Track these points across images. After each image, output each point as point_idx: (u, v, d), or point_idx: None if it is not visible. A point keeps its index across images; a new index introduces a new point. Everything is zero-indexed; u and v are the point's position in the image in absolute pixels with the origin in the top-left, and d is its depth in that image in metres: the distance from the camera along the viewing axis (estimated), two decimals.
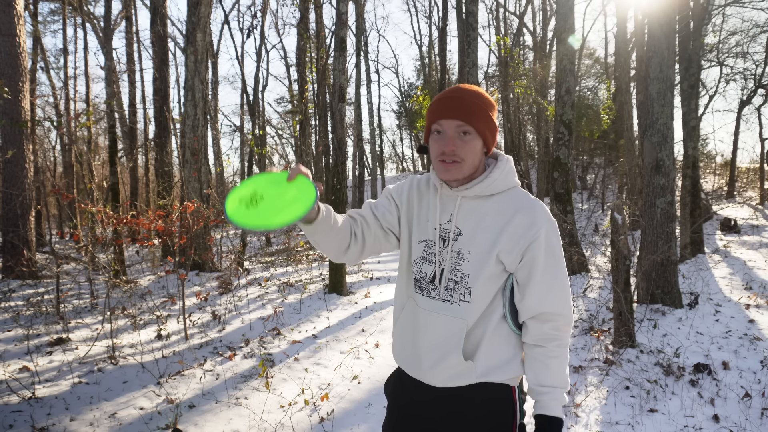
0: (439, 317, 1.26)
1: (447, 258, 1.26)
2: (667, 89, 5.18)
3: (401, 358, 1.37)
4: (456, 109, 1.19)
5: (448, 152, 1.20)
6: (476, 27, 8.64)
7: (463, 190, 1.26)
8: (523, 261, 1.23)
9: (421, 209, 1.33)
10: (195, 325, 5.21)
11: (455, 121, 1.20)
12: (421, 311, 1.30)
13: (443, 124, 1.21)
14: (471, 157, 1.22)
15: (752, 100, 16.02)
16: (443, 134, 1.22)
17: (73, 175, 15.55)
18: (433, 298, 1.28)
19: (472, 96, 1.22)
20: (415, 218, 1.34)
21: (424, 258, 1.30)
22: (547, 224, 1.23)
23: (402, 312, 1.36)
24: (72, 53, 26.19)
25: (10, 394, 3.38)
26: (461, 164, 1.21)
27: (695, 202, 7.88)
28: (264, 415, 3.14)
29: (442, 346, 1.26)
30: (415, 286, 1.32)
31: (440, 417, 1.31)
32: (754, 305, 5.16)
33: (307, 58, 14.78)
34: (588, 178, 21.16)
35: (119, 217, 5.07)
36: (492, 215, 1.25)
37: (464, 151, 1.21)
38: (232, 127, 26.93)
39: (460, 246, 1.25)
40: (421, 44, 26.43)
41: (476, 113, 1.20)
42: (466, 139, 1.21)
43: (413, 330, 1.32)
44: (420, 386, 1.32)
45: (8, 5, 7.62)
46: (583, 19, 25.40)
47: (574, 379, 3.59)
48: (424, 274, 1.30)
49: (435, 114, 1.22)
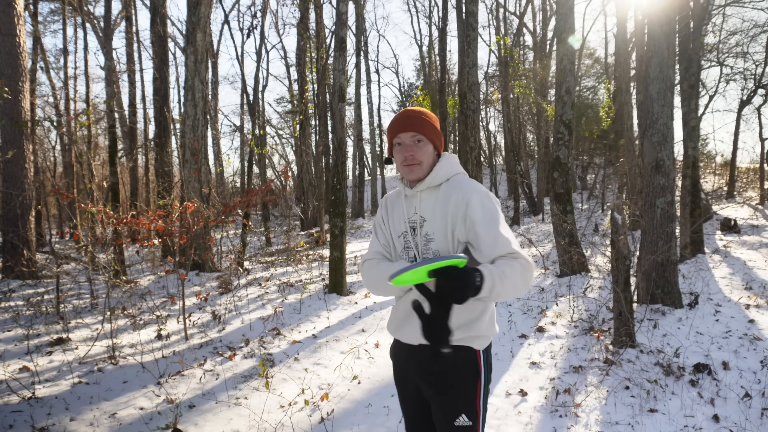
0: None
1: (419, 242, 1.58)
2: (667, 89, 5.17)
3: (389, 325, 1.71)
4: (409, 124, 1.56)
5: (408, 157, 1.56)
6: (476, 27, 8.63)
7: (420, 185, 1.59)
8: (467, 226, 1.50)
9: (394, 213, 1.69)
10: (195, 325, 5.21)
11: (410, 132, 1.56)
12: (405, 294, 1.62)
13: (401, 136, 1.57)
14: (426, 158, 1.58)
15: (752, 100, 16.01)
16: (403, 144, 1.57)
17: (73, 175, 15.55)
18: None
19: (419, 113, 1.59)
20: (390, 222, 1.69)
21: (405, 246, 1.63)
22: (477, 193, 1.52)
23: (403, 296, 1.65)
24: (72, 53, 26.22)
25: (10, 394, 3.38)
26: (420, 165, 1.56)
27: (695, 202, 7.88)
28: (264, 415, 3.14)
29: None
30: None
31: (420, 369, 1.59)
32: (754, 305, 5.16)
33: (307, 58, 14.78)
34: (588, 178, 21.15)
35: (119, 217, 5.07)
36: (441, 200, 1.56)
37: (420, 154, 1.56)
38: (232, 127, 26.93)
39: (426, 230, 1.57)
40: (421, 44, 26.43)
41: (425, 124, 1.57)
42: (421, 145, 1.57)
43: (401, 301, 1.66)
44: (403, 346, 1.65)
45: (8, 5, 7.62)
46: (583, 19, 25.37)
47: (574, 379, 3.59)
48: (411, 259, 1.63)
49: (394, 131, 1.58)
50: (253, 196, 5.71)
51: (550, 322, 4.96)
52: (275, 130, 24.98)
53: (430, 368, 1.56)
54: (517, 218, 15.16)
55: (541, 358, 4.07)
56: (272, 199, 8.23)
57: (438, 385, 1.55)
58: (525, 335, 4.62)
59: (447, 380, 1.53)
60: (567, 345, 4.32)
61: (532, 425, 2.99)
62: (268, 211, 14.28)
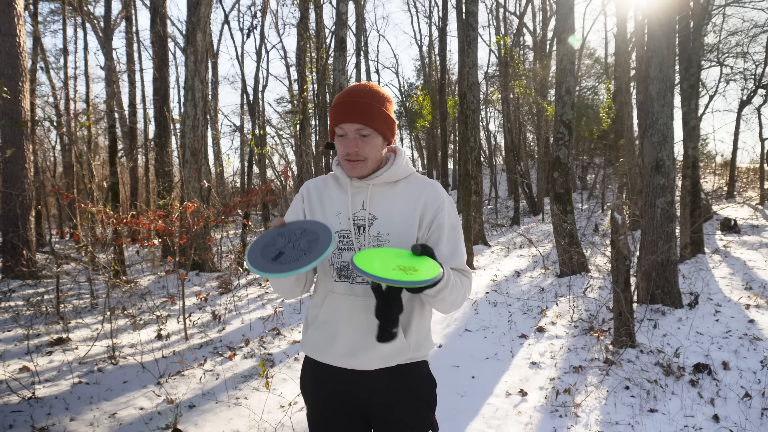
0: (370, 301, 1.29)
1: (366, 243, 1.34)
2: (667, 89, 5.17)
3: (325, 353, 1.40)
4: (353, 112, 1.29)
5: (351, 153, 1.31)
6: (476, 27, 8.64)
7: (373, 178, 1.36)
8: (432, 228, 1.37)
9: (325, 206, 1.41)
10: (195, 325, 5.21)
11: (354, 124, 1.29)
12: (346, 300, 1.36)
13: (344, 127, 1.31)
14: (373, 154, 1.33)
15: (752, 100, 16.02)
16: (345, 136, 1.32)
17: (73, 175, 15.55)
18: (359, 283, 1.35)
19: (367, 97, 1.31)
20: (320, 217, 1.41)
21: (341, 248, 1.37)
22: (447, 199, 1.40)
23: (321, 309, 1.42)
24: (72, 53, 26.22)
25: (10, 394, 3.38)
26: (365, 162, 1.33)
27: (695, 202, 7.88)
28: (264, 415, 3.14)
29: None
30: (339, 275, 1.37)
31: (374, 397, 1.39)
32: (754, 305, 5.16)
33: (307, 58, 14.78)
34: (588, 178, 21.16)
35: (119, 217, 5.07)
36: (401, 197, 1.37)
37: (366, 150, 1.32)
38: (232, 127, 26.94)
39: (378, 230, 1.34)
40: (421, 44, 26.45)
41: (372, 114, 1.30)
42: (367, 140, 1.31)
43: (338, 321, 1.37)
44: (349, 374, 1.39)
45: (8, 5, 7.62)
46: (583, 19, 25.42)
47: (574, 379, 3.59)
48: (345, 263, 1.37)
49: (336, 118, 1.32)
50: (253, 196, 5.71)
51: (550, 322, 4.96)
52: (275, 130, 24.98)
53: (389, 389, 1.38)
54: (517, 218, 15.16)
55: (541, 358, 4.07)
56: (272, 199, 8.21)
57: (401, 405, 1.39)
58: (525, 335, 4.62)
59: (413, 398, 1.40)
60: (567, 345, 4.32)
61: (532, 425, 2.99)
62: (268, 211, 14.28)
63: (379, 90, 1.36)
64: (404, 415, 1.39)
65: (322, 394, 1.44)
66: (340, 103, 1.32)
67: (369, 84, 1.36)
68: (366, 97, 1.31)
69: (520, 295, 6.11)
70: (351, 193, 1.38)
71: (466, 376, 3.72)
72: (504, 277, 7.34)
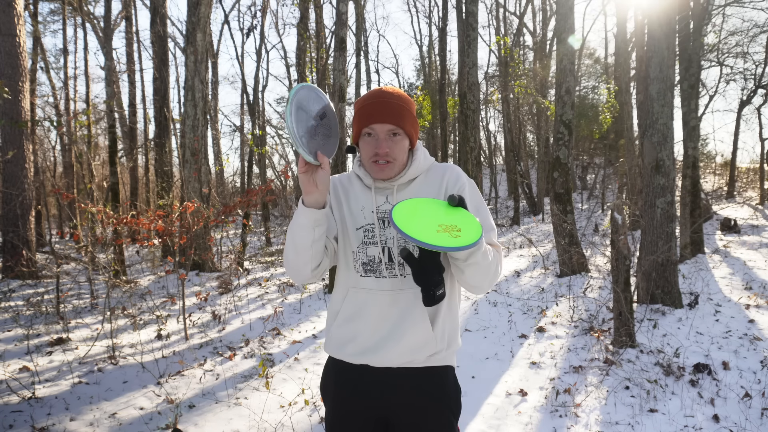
0: (397, 294, 1.31)
1: (394, 235, 1.33)
2: (667, 89, 5.17)
3: (348, 350, 1.37)
4: (386, 113, 1.30)
5: (381, 154, 1.30)
6: (476, 27, 8.64)
7: (397, 179, 1.36)
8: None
9: (350, 201, 1.40)
10: (195, 325, 5.21)
11: (386, 125, 1.30)
12: (373, 294, 1.34)
13: (375, 128, 1.31)
14: (401, 156, 1.34)
15: (752, 100, 16.02)
16: (375, 136, 1.31)
17: (73, 175, 15.55)
18: (387, 277, 1.33)
19: (398, 99, 1.33)
20: (346, 211, 1.39)
21: (366, 243, 1.35)
22: (468, 180, 1.41)
23: (343, 305, 1.38)
24: (72, 53, 26.21)
25: (10, 394, 3.38)
26: (393, 164, 1.33)
27: (695, 202, 7.88)
28: (264, 415, 3.14)
29: (408, 319, 1.31)
30: (365, 270, 1.35)
31: (397, 400, 1.34)
32: (754, 305, 5.16)
33: (307, 58, 14.77)
34: (588, 178, 21.16)
35: (119, 217, 5.07)
36: (425, 186, 1.37)
37: (396, 151, 1.32)
38: (232, 127, 26.92)
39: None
40: (421, 44, 26.42)
41: (404, 116, 1.32)
42: (397, 140, 1.32)
43: (363, 317, 1.34)
44: (373, 373, 1.35)
45: (8, 5, 7.62)
46: (583, 19, 25.42)
47: (574, 379, 3.59)
48: (371, 258, 1.34)
49: (366, 118, 1.31)
50: (253, 196, 5.71)
51: (550, 322, 4.96)
52: (275, 130, 24.97)
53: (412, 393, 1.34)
54: (517, 218, 15.16)
55: (541, 358, 4.07)
56: (272, 199, 8.22)
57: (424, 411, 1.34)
58: (525, 335, 4.62)
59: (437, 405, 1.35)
60: (567, 345, 4.32)
61: (532, 425, 2.99)
62: (268, 211, 14.28)
63: (404, 94, 1.37)
64: (426, 422, 1.34)
65: (342, 395, 1.39)
66: (371, 103, 1.32)
67: (394, 88, 1.37)
68: (397, 99, 1.33)
69: (520, 295, 6.11)
70: (375, 191, 1.38)
71: (466, 376, 3.72)
72: (504, 277, 7.34)
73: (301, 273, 1.31)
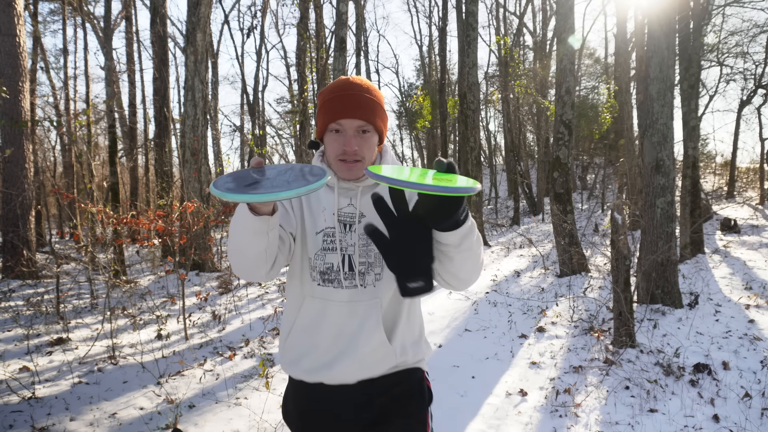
0: (356, 305, 1.22)
1: (355, 241, 1.22)
2: (667, 89, 5.18)
3: (302, 367, 1.26)
4: (356, 107, 1.18)
5: (350, 152, 1.19)
6: (476, 27, 8.64)
7: (364, 180, 1.25)
8: None
9: (311, 200, 1.28)
10: (195, 325, 5.21)
11: (356, 120, 1.19)
12: (330, 305, 1.23)
13: (343, 123, 1.19)
14: (370, 154, 1.23)
15: (752, 100, 16.03)
16: (343, 133, 1.20)
17: (73, 175, 15.55)
18: (346, 288, 1.23)
19: (368, 92, 1.21)
20: (306, 211, 1.27)
21: (325, 249, 1.23)
22: None
23: (298, 317, 1.27)
24: (72, 53, 26.23)
25: (10, 394, 3.38)
26: (362, 162, 1.22)
27: (695, 202, 7.88)
28: (264, 415, 3.14)
29: (364, 331, 1.22)
30: (322, 279, 1.24)
31: (360, 416, 1.25)
32: (754, 305, 5.16)
33: (307, 58, 14.77)
34: (588, 178, 21.16)
35: (119, 217, 5.07)
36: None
37: (364, 149, 1.21)
38: (232, 127, 26.93)
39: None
40: (421, 44, 26.42)
41: (375, 110, 1.21)
42: (366, 137, 1.21)
43: (318, 329, 1.24)
44: (332, 391, 1.25)
45: (8, 5, 7.62)
46: (583, 19, 25.43)
47: (574, 379, 3.59)
48: (329, 265, 1.23)
49: (333, 112, 1.19)
50: None
51: (550, 322, 4.96)
52: (275, 130, 24.98)
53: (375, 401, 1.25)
54: (517, 218, 15.17)
55: (541, 358, 4.07)
56: None
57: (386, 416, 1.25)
58: (525, 335, 4.62)
59: (399, 410, 1.25)
60: (567, 345, 4.32)
61: (532, 425, 2.99)
62: None
63: (374, 85, 1.26)
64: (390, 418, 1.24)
65: (304, 419, 1.29)
66: (339, 96, 1.19)
67: (362, 78, 1.25)
68: (365, 92, 1.21)
69: (520, 295, 6.11)
70: (338, 192, 1.25)
71: (466, 376, 3.72)
72: (504, 277, 7.34)
73: (255, 275, 1.16)
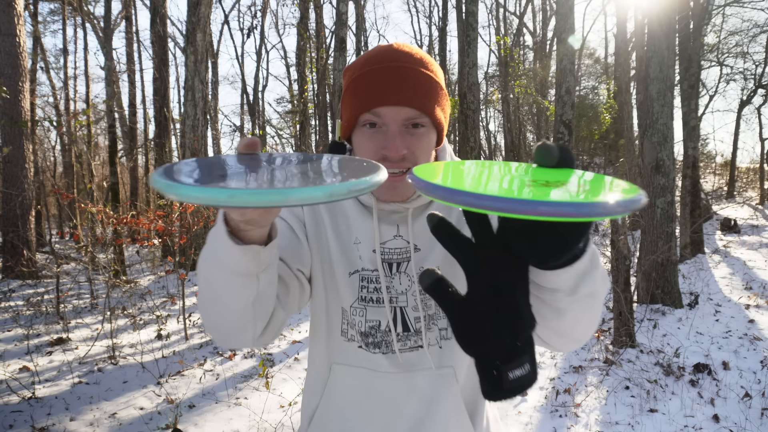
0: (418, 376, 0.84)
1: (404, 288, 0.83)
2: (667, 89, 5.18)
3: None
4: (404, 89, 0.73)
5: (393, 157, 0.74)
6: (476, 27, 8.64)
7: (414, 199, 0.82)
8: None
9: (339, 228, 0.85)
10: (195, 325, 5.21)
11: (404, 109, 0.74)
12: (377, 379, 0.85)
13: (383, 113, 0.74)
14: (425, 160, 0.78)
15: (752, 100, 16.04)
16: (382, 129, 0.75)
17: (73, 175, 15.55)
18: (401, 351, 0.84)
19: (422, 65, 0.76)
20: (333, 243, 0.84)
21: (365, 299, 0.83)
22: None
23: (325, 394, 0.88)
24: (72, 53, 26.21)
25: (10, 394, 3.38)
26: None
27: (695, 202, 7.88)
28: (264, 415, 3.14)
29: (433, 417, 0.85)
30: (366, 343, 0.85)
31: None
32: (754, 305, 5.16)
33: (307, 58, 14.77)
34: None
35: (119, 217, 5.07)
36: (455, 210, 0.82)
37: (417, 153, 0.76)
38: (232, 127, 26.93)
39: (423, 266, 0.82)
40: (421, 44, 26.42)
41: (431, 94, 0.76)
42: (419, 135, 0.76)
43: (360, 414, 0.86)
44: None
45: (8, 5, 7.62)
46: (583, 19, 25.45)
47: (574, 379, 3.59)
48: (373, 324, 0.83)
49: (369, 97, 0.74)
50: None
51: None
52: (275, 130, 24.98)
53: None
54: None
55: (541, 357, 4.07)
56: None
57: None
58: None
59: None
60: None
61: (532, 425, 2.99)
62: None
63: (429, 56, 0.80)
64: None
65: None
66: (377, 70, 0.75)
67: (411, 46, 0.79)
68: (420, 64, 0.76)
69: None
70: (378, 216, 0.82)
71: None
72: None
73: (236, 340, 0.70)
